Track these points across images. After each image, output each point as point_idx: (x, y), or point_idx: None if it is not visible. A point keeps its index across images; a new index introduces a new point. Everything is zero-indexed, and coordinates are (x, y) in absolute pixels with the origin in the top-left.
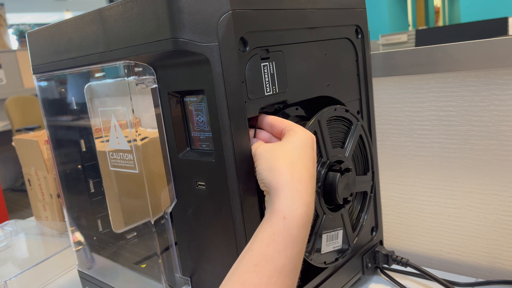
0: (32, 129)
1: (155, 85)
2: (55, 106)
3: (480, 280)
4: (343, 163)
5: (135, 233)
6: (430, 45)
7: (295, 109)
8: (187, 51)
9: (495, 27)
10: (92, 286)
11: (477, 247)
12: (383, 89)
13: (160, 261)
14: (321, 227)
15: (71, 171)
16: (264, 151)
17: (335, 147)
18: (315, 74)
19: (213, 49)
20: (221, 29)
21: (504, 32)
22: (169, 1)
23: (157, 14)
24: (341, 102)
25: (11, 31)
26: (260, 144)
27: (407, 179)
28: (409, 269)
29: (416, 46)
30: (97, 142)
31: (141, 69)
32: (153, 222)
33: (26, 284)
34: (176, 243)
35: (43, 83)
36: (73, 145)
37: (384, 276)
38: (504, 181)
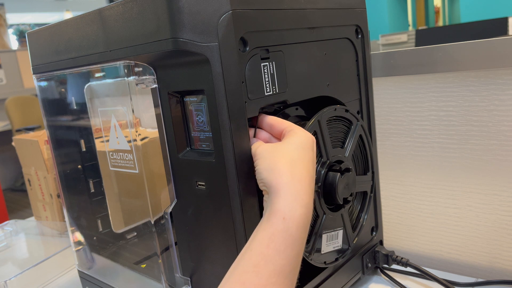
0: (32, 129)
1: (155, 85)
2: (55, 106)
3: (480, 280)
4: (343, 163)
5: (135, 233)
6: (430, 45)
7: (295, 109)
8: (187, 51)
9: (495, 27)
10: (92, 286)
11: (477, 247)
12: (383, 89)
13: (160, 261)
14: (321, 227)
15: (71, 171)
16: (264, 151)
17: (335, 147)
18: (315, 74)
19: (213, 49)
20: (221, 29)
21: (504, 32)
22: (169, 1)
23: (157, 14)
24: (341, 102)
25: (11, 31)
26: (260, 144)
27: (407, 179)
28: (409, 269)
29: (416, 46)
30: (97, 142)
31: (141, 69)
32: (153, 222)
33: (26, 284)
34: (176, 243)
35: (43, 83)
36: (73, 145)
37: (384, 276)
38: (504, 181)
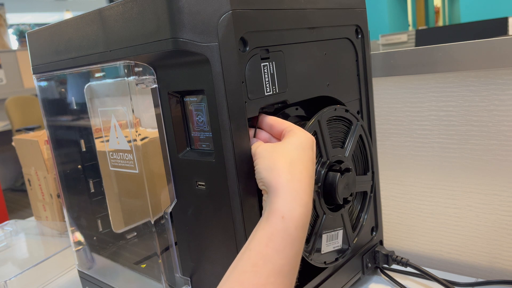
0: (32, 129)
1: (155, 85)
2: (55, 106)
3: (480, 280)
4: (343, 163)
5: (135, 233)
6: (430, 45)
7: (295, 109)
8: (187, 51)
9: (495, 27)
10: (92, 286)
11: (477, 247)
12: (383, 89)
13: (160, 261)
14: (321, 227)
15: (71, 171)
16: (264, 151)
17: (335, 147)
18: (315, 74)
19: (213, 49)
20: (221, 29)
21: (504, 32)
22: (169, 1)
23: (157, 14)
24: (341, 102)
25: (11, 31)
26: (260, 143)
27: (407, 179)
28: (409, 269)
29: (416, 46)
30: (97, 142)
31: (141, 69)
32: (153, 222)
33: (26, 284)
34: (176, 243)
35: (43, 83)
36: (73, 145)
37: (384, 276)
38: (504, 181)
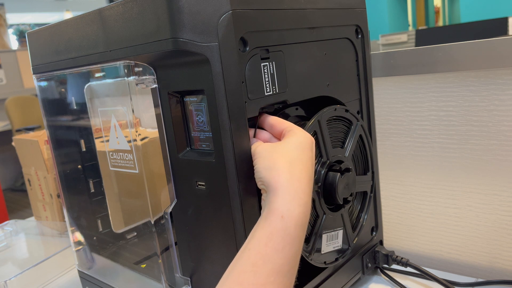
0: (32, 129)
1: (155, 85)
2: (55, 106)
3: (480, 280)
4: (343, 163)
5: (135, 233)
6: (430, 45)
7: (295, 109)
8: (187, 51)
9: (495, 27)
10: (92, 286)
11: (477, 247)
12: (383, 89)
13: (160, 261)
14: (321, 227)
15: (71, 171)
16: (263, 150)
17: (335, 147)
18: (315, 74)
19: (213, 49)
20: (221, 29)
21: (504, 32)
22: (169, 1)
23: (157, 14)
24: (341, 102)
25: (11, 31)
26: (259, 143)
27: (407, 179)
28: (409, 269)
29: (416, 46)
30: (97, 142)
31: (141, 69)
32: (153, 222)
33: (26, 284)
34: (176, 243)
35: (43, 83)
36: (73, 145)
37: (384, 276)
38: (504, 181)
